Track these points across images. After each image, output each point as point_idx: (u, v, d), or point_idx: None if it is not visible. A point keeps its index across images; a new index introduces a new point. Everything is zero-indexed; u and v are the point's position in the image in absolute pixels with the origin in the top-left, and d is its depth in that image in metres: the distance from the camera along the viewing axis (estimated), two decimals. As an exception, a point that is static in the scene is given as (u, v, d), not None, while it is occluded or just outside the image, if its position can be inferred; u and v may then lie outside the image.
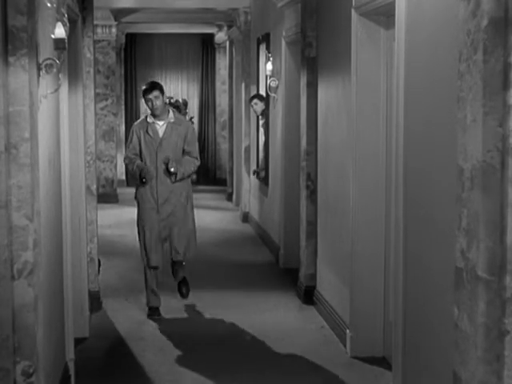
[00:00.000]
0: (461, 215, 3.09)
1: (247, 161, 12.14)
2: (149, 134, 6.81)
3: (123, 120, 17.09)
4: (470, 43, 2.97)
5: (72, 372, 5.13)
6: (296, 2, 7.74)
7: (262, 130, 10.80)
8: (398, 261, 4.62)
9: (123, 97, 17.23)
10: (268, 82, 9.63)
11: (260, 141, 10.97)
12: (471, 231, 3.00)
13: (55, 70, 4.11)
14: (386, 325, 5.64)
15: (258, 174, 10.87)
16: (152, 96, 6.72)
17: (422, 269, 4.25)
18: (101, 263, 7.56)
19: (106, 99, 14.51)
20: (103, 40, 14.59)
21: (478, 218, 2.94)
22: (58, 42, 4.11)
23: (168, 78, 17.53)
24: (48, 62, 4.02)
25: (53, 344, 4.46)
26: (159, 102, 6.75)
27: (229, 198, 14.49)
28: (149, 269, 6.86)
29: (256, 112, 10.69)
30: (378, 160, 5.71)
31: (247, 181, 12.18)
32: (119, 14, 14.29)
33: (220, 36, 16.58)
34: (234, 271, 8.81)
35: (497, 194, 2.91)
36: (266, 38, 10.11)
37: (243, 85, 12.28)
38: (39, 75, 3.95)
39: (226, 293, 7.70)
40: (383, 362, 5.58)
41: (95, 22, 8.43)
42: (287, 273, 8.46)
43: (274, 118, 9.64)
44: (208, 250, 9.68)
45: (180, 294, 7.24)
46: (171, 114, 6.88)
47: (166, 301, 7.01)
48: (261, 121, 10.74)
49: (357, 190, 5.74)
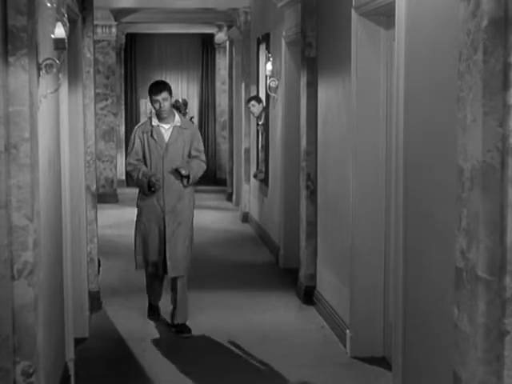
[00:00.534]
0: (461, 215, 3.09)
1: (247, 161, 12.14)
2: (153, 139, 6.34)
3: (123, 120, 17.10)
4: (470, 43, 2.97)
5: (72, 372, 5.13)
6: (296, 2, 7.74)
7: (260, 132, 10.80)
8: (398, 261, 4.62)
9: (123, 97, 17.24)
10: (268, 82, 9.63)
11: (258, 143, 10.97)
12: (471, 231, 3.00)
13: (55, 70, 4.11)
14: (386, 325, 5.64)
15: (256, 177, 10.88)
16: (160, 97, 6.25)
17: (422, 269, 4.25)
18: (101, 263, 7.56)
19: (106, 99, 14.51)
20: (103, 40, 14.59)
21: (478, 218, 2.94)
22: (58, 42, 4.10)
23: (168, 78, 17.49)
24: (48, 62, 4.02)
25: (53, 344, 4.46)
26: (167, 104, 6.29)
27: (229, 198, 14.49)
28: (147, 271, 6.54)
29: (253, 114, 10.69)
30: (378, 160, 5.71)
31: (247, 183, 12.18)
32: (119, 14, 14.30)
33: (220, 36, 16.58)
34: (234, 271, 8.81)
35: (497, 194, 2.91)
36: (266, 38, 10.11)
37: (243, 85, 12.27)
38: (39, 75, 3.95)
39: (226, 293, 7.70)
40: (383, 362, 5.58)
41: (95, 22, 8.44)
42: (287, 273, 8.46)
43: (274, 118, 9.63)
44: (208, 250, 9.69)
45: (178, 331, 6.49)
46: (177, 118, 6.42)
47: (166, 299, 7.01)
48: (258, 122, 10.73)
49: (357, 191, 5.74)
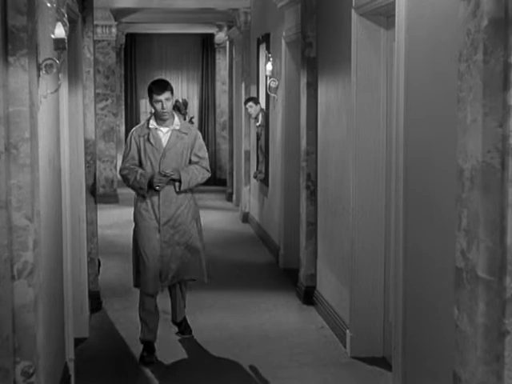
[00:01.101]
0: (461, 215, 3.09)
1: (247, 161, 12.14)
2: (150, 143, 5.83)
3: (123, 120, 17.10)
4: (470, 43, 2.97)
5: (72, 372, 5.13)
6: (296, 2, 7.74)
7: (257, 133, 10.78)
8: (398, 261, 4.62)
9: (123, 97, 17.24)
10: (268, 83, 9.63)
11: (257, 144, 10.96)
12: (471, 231, 3.00)
13: (55, 70, 4.11)
14: (386, 325, 5.64)
15: (256, 177, 10.88)
16: (163, 97, 5.74)
17: (422, 269, 4.25)
18: (101, 263, 7.56)
19: (106, 99, 14.50)
20: (103, 40, 14.59)
21: (478, 218, 2.94)
22: (58, 42, 4.10)
23: (168, 78, 17.34)
24: (48, 62, 4.02)
25: (53, 344, 4.46)
26: (170, 105, 5.79)
27: (229, 198, 14.49)
28: (145, 296, 6.01)
29: (251, 115, 10.69)
30: (378, 160, 5.71)
31: (247, 183, 12.18)
32: (119, 14, 14.30)
33: (220, 36, 16.58)
34: (234, 271, 8.81)
35: (497, 195, 2.91)
36: (266, 38, 10.10)
37: (243, 85, 12.27)
38: (39, 75, 3.95)
39: (226, 293, 7.70)
40: (383, 362, 5.58)
41: (95, 22, 8.45)
42: (287, 273, 8.46)
43: (274, 119, 9.63)
44: (208, 250, 9.62)
45: (179, 332, 6.42)
46: (177, 120, 5.92)
47: (165, 301, 7.01)
48: (256, 123, 10.73)
49: (357, 191, 5.74)
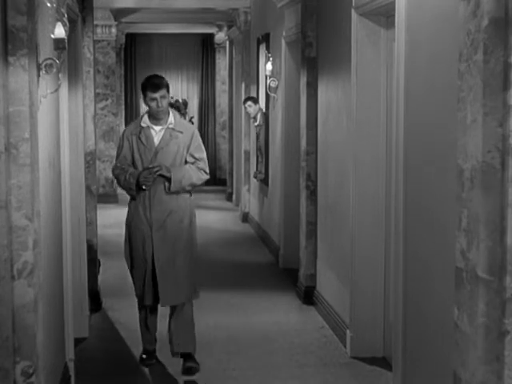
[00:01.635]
0: (461, 215, 3.09)
1: (247, 161, 12.14)
2: (141, 141, 5.45)
3: (123, 120, 17.08)
4: (470, 43, 2.97)
5: (72, 372, 5.13)
6: (296, 2, 7.74)
7: (256, 133, 10.78)
8: (398, 261, 4.62)
9: (123, 97, 17.23)
10: (268, 82, 9.63)
11: (255, 144, 10.96)
12: (471, 231, 3.00)
13: (55, 70, 4.11)
14: (386, 325, 5.64)
15: (256, 177, 10.89)
16: (158, 95, 5.36)
17: (422, 269, 4.25)
18: (101, 263, 7.56)
19: (106, 99, 14.51)
20: (103, 40, 14.59)
21: (478, 218, 2.94)
22: (58, 42, 4.10)
23: (168, 78, 17.39)
24: (48, 62, 4.02)
25: (53, 344, 4.46)
26: (166, 103, 5.42)
27: (229, 198, 14.49)
28: (142, 308, 5.79)
29: (249, 114, 10.68)
30: (378, 160, 5.71)
31: (247, 183, 12.18)
32: (119, 14, 14.30)
33: (220, 36, 16.58)
34: (234, 271, 8.81)
35: (497, 195, 2.91)
36: (266, 38, 10.10)
37: (243, 85, 12.27)
38: (39, 75, 3.95)
39: (226, 293, 7.69)
40: (383, 362, 5.58)
41: (95, 22, 8.46)
42: (287, 273, 8.46)
43: (274, 118, 9.63)
44: (208, 250, 9.67)
45: (184, 371, 5.53)
46: (171, 118, 5.49)
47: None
48: (254, 123, 10.72)
49: (357, 191, 5.74)
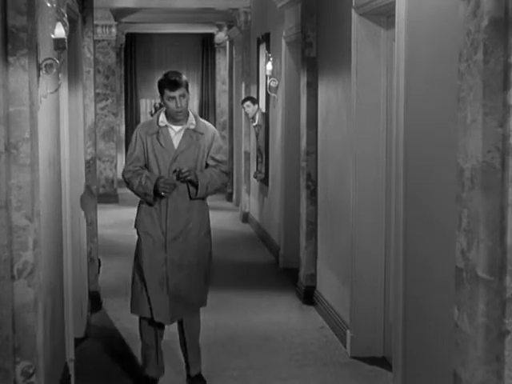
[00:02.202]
0: (461, 215, 3.09)
1: (247, 161, 12.14)
2: (160, 143, 4.98)
3: (123, 120, 17.11)
4: (470, 43, 2.97)
5: (72, 372, 5.13)
6: (296, 2, 7.74)
7: (255, 134, 10.77)
8: (398, 261, 4.62)
9: (123, 97, 17.25)
10: (268, 82, 9.63)
11: (255, 144, 10.95)
12: (471, 231, 3.00)
13: (55, 70, 4.11)
14: (386, 325, 5.64)
15: (256, 177, 10.89)
16: (176, 94, 4.87)
17: (422, 269, 4.25)
18: (101, 263, 7.56)
19: (106, 99, 14.50)
20: (103, 40, 14.59)
21: (478, 218, 2.94)
22: (58, 42, 4.10)
23: (168, 78, 17.52)
24: (48, 62, 4.02)
25: (53, 344, 4.46)
26: (185, 103, 4.93)
27: (229, 198, 14.49)
28: (147, 323, 5.24)
29: (248, 114, 10.68)
30: (378, 160, 5.71)
31: (246, 183, 12.18)
32: (119, 14, 14.30)
33: (220, 36, 16.58)
34: (234, 271, 8.80)
35: (497, 194, 2.91)
36: (266, 38, 10.10)
37: (243, 85, 12.27)
38: (39, 75, 3.95)
39: (226, 293, 7.69)
40: (383, 362, 5.58)
41: (95, 22, 8.45)
42: (287, 273, 8.46)
43: (274, 118, 9.63)
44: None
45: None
46: (191, 118, 5.03)
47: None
48: (252, 124, 10.72)
49: (357, 191, 5.74)
